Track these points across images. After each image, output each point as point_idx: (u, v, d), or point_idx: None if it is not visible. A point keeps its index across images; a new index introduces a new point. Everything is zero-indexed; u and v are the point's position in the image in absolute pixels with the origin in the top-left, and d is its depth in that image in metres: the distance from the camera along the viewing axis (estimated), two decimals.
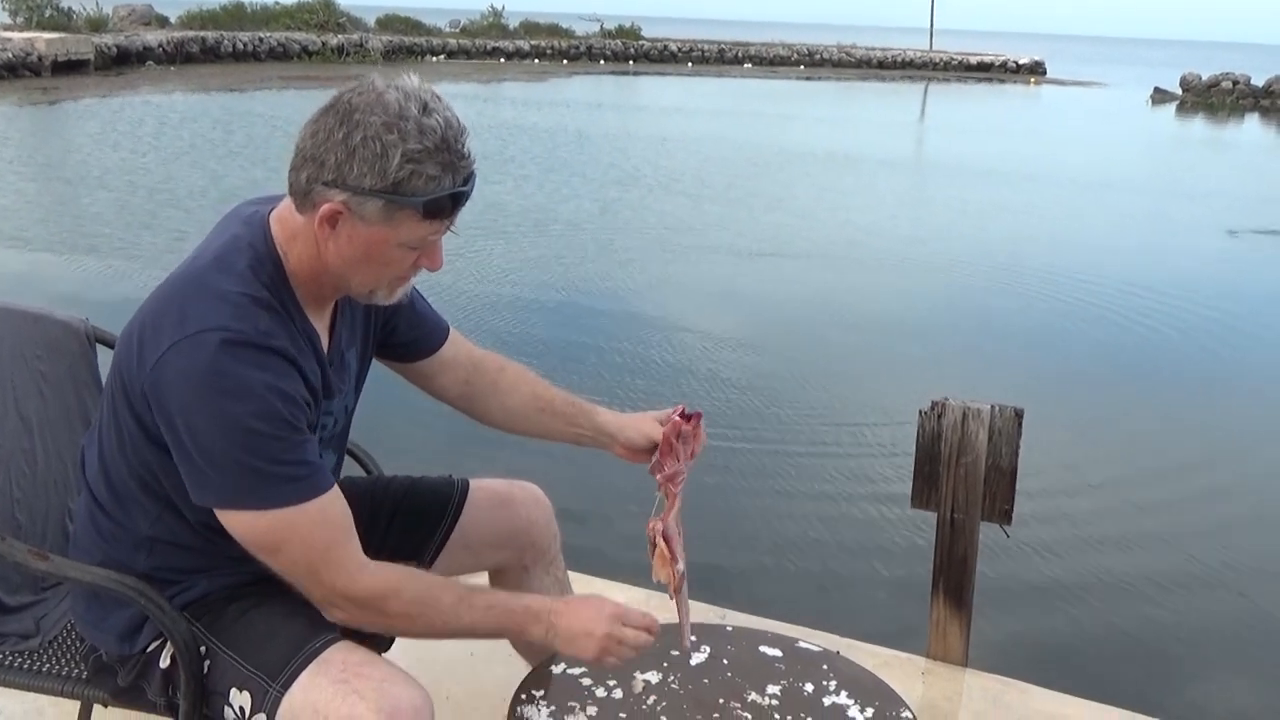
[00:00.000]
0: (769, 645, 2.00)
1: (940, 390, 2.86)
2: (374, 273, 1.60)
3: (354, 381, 1.81)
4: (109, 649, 1.71)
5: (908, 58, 54.50)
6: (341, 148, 1.49)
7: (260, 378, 1.50)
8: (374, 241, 1.54)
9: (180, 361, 1.49)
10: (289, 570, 1.58)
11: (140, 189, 12.95)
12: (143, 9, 38.99)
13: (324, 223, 1.53)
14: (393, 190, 1.49)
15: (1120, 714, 2.74)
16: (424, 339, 1.94)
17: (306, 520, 1.54)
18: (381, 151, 1.47)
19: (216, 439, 1.48)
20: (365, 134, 1.48)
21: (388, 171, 1.48)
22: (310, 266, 1.60)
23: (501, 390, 2.00)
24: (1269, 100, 39.62)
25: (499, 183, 14.34)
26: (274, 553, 1.56)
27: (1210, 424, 6.61)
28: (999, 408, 2.75)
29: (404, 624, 1.65)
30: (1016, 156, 20.66)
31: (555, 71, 41.03)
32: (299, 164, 1.54)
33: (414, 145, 1.48)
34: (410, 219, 1.52)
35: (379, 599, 1.59)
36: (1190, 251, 12.37)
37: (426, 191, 1.50)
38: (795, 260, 11.01)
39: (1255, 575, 4.64)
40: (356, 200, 1.50)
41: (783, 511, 5.00)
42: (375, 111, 1.48)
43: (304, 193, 1.53)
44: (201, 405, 1.48)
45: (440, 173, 1.50)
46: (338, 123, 1.50)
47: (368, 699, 1.51)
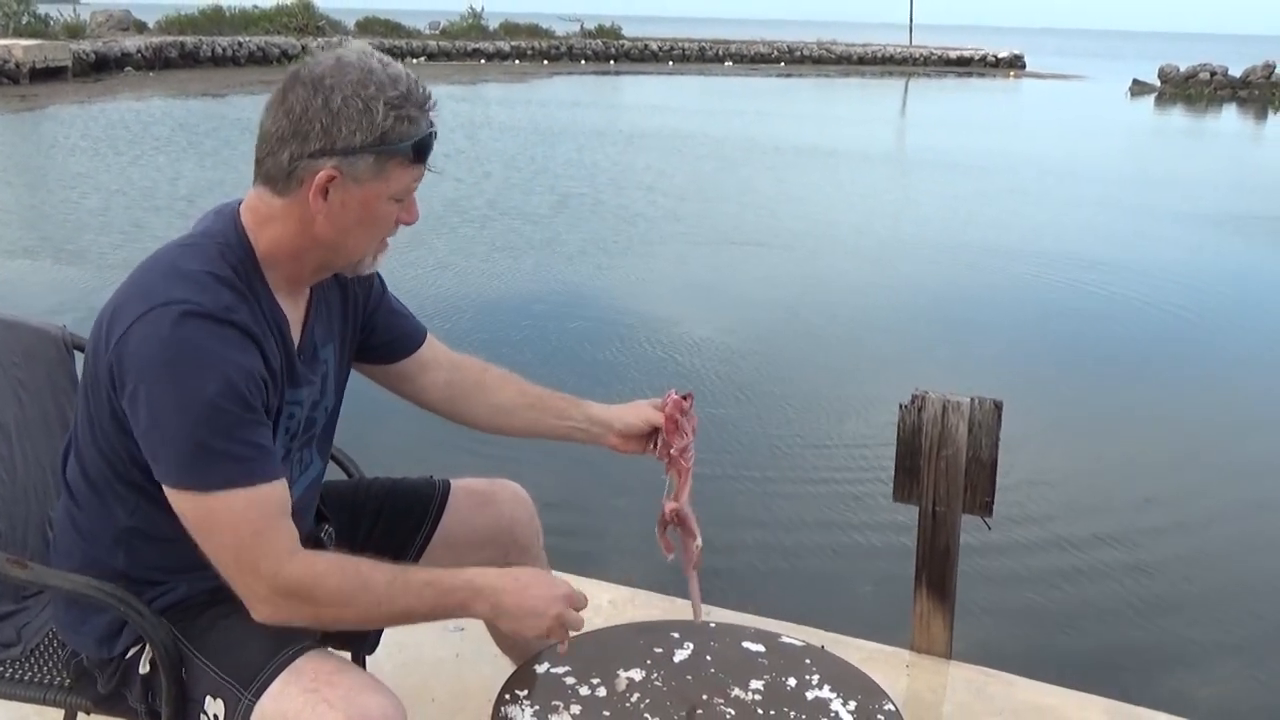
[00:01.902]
0: (751, 641, 2.00)
1: (920, 383, 2.87)
2: (367, 235, 1.63)
3: (333, 382, 1.81)
4: (89, 653, 1.70)
5: (888, 53, 54.60)
6: (324, 114, 1.52)
7: (219, 350, 1.51)
8: (368, 200, 1.58)
9: (143, 333, 1.50)
10: (217, 557, 1.55)
11: (119, 195, 12.91)
12: (120, 15, 38.81)
13: (317, 195, 1.55)
14: (381, 141, 1.53)
15: (1104, 703, 2.76)
16: (403, 339, 1.93)
17: (240, 503, 1.52)
18: (364, 106, 1.52)
19: (172, 411, 1.49)
20: (344, 95, 1.52)
21: (375, 124, 1.53)
22: (290, 247, 1.61)
23: (488, 388, 2.00)
24: (1246, 90, 39.82)
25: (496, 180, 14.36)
26: (205, 536, 1.54)
27: (1192, 413, 6.65)
28: (978, 400, 2.76)
29: (335, 613, 1.59)
30: (997, 149, 20.76)
31: (536, 72, 41.00)
32: (275, 146, 1.56)
33: (392, 93, 1.54)
34: (399, 167, 1.57)
35: (306, 588, 1.55)
36: (1169, 240, 12.43)
37: (410, 135, 1.55)
38: (771, 254, 11.04)
39: (1237, 562, 4.68)
40: (347, 163, 1.54)
41: (765, 508, 5.01)
42: (344, 73, 1.53)
43: (286, 174, 1.56)
44: (160, 376, 1.49)
45: (418, 114, 1.57)
46: (311, 93, 1.53)
47: (337, 708, 1.50)
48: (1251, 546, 4.84)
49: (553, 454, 1.93)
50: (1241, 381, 7.30)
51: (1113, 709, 2.73)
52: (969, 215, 13.59)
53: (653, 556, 4.10)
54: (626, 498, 4.36)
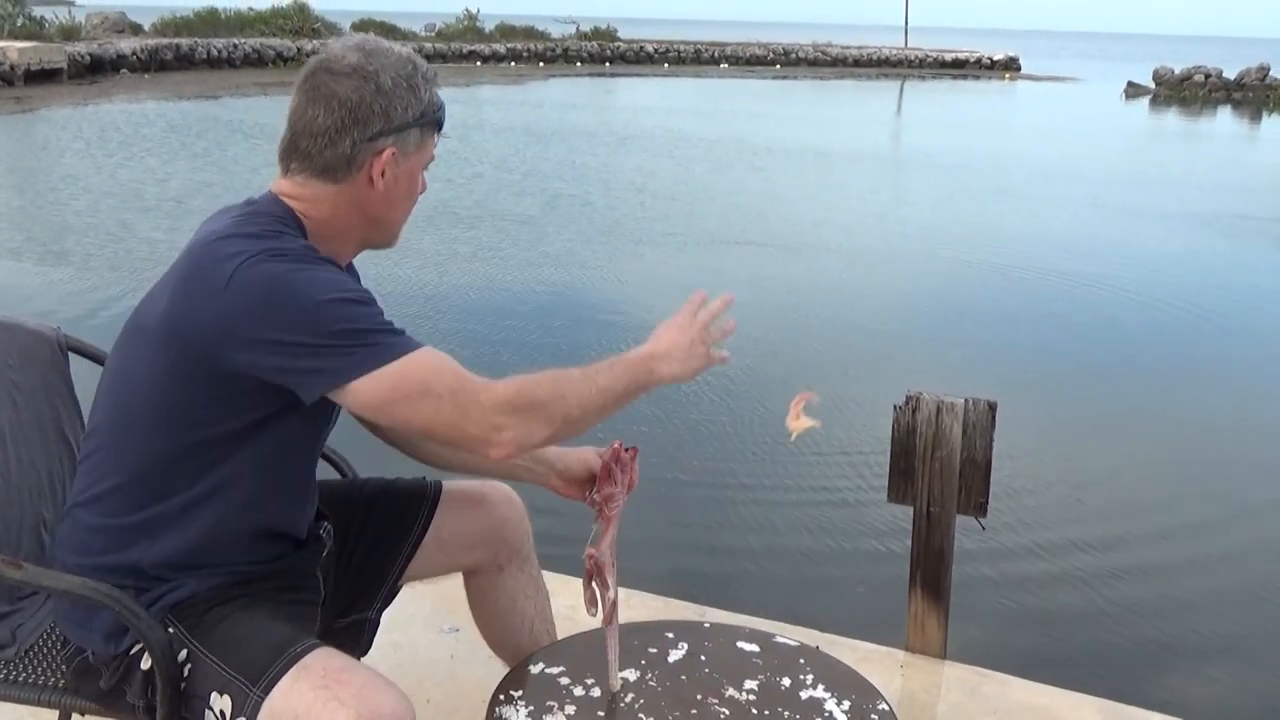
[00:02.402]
0: (746, 641, 2.00)
1: (914, 384, 2.88)
2: (409, 205, 1.75)
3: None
4: (95, 649, 1.70)
5: (883, 55, 54.65)
6: (380, 98, 1.63)
7: (325, 271, 1.59)
8: (413, 171, 1.71)
9: (250, 278, 1.54)
10: (435, 417, 1.56)
11: (108, 197, 12.91)
12: (116, 16, 38.75)
13: (380, 175, 1.66)
14: (424, 114, 1.68)
15: (1097, 702, 2.76)
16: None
17: (431, 358, 1.57)
18: (409, 84, 1.66)
19: (319, 319, 1.52)
20: (391, 75, 1.65)
21: (420, 98, 1.67)
22: (340, 225, 1.70)
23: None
24: (1240, 93, 39.92)
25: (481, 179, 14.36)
26: (419, 396, 1.55)
27: (1186, 414, 6.66)
28: (973, 401, 2.77)
29: (561, 408, 1.61)
30: (990, 151, 20.79)
31: (531, 74, 41.01)
32: (335, 138, 1.63)
33: (421, 68, 1.69)
34: (431, 135, 1.72)
35: (525, 396, 1.59)
36: (1160, 241, 12.46)
37: (440, 104, 1.72)
38: (757, 254, 11.08)
39: (1231, 564, 4.69)
40: (401, 139, 1.66)
41: (759, 509, 5.01)
42: (378, 57, 1.65)
43: (348, 161, 1.64)
44: (288, 304, 1.53)
45: (434, 83, 1.72)
46: (362, 81, 1.63)
47: (348, 705, 1.51)
48: (1245, 547, 4.85)
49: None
50: (1235, 382, 7.31)
51: (1106, 709, 2.74)
52: (959, 216, 13.64)
53: (646, 557, 4.12)
54: None
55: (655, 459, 5.08)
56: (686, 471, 5.15)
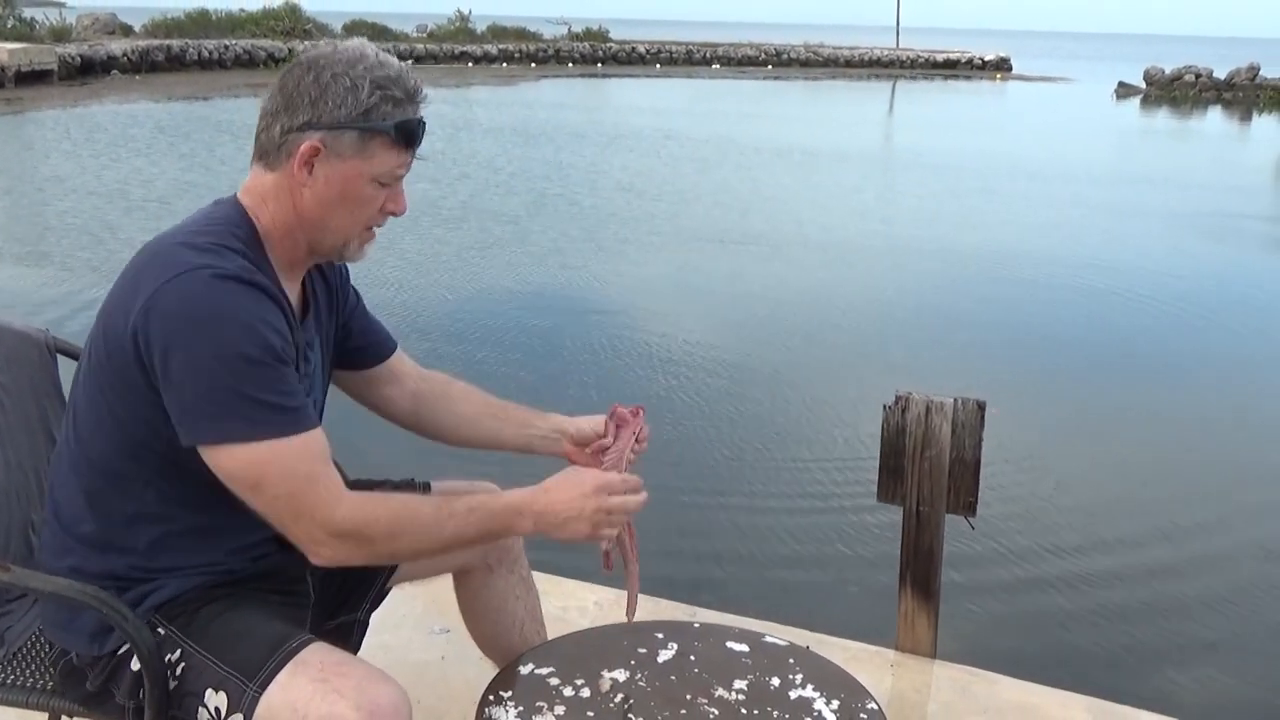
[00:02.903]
0: (735, 641, 2.01)
1: (903, 383, 2.89)
2: (350, 214, 1.67)
3: (319, 377, 1.83)
4: (79, 650, 1.70)
5: (875, 56, 54.71)
6: (313, 88, 1.60)
7: (247, 307, 1.55)
8: (350, 177, 1.63)
9: (170, 296, 1.53)
10: (271, 508, 1.58)
11: (92, 196, 12.88)
12: (106, 18, 38.66)
13: (302, 166, 1.62)
14: (365, 117, 1.61)
15: (1086, 701, 2.78)
16: (375, 346, 1.98)
17: (291, 452, 1.56)
18: (351, 84, 1.60)
19: (209, 366, 1.52)
20: (334, 72, 1.61)
21: (360, 100, 1.60)
22: (284, 225, 1.67)
23: (453, 398, 2.04)
24: (1231, 93, 40.04)
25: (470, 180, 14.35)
26: (257, 488, 1.57)
27: (1175, 413, 6.68)
28: (962, 401, 2.78)
29: (389, 547, 1.65)
30: (981, 151, 20.81)
31: (523, 75, 40.99)
32: (269, 122, 1.63)
33: (380, 74, 1.62)
34: (382, 147, 1.63)
35: (359, 528, 1.59)
36: (1153, 241, 12.49)
37: (394, 116, 1.62)
38: (746, 253, 11.09)
39: (1220, 563, 4.70)
40: (332, 136, 1.61)
41: (749, 510, 5.01)
42: (338, 55, 1.63)
43: (277, 146, 1.63)
44: (194, 334, 1.52)
45: (405, 99, 1.63)
46: (304, 72, 1.62)
47: (348, 697, 1.52)
48: (1234, 547, 4.86)
49: (532, 459, 1.93)
50: (1223, 381, 7.33)
51: (1095, 707, 2.75)
52: (943, 215, 13.67)
53: (644, 558, 4.10)
54: None
55: (644, 459, 5.06)
56: (676, 472, 5.15)
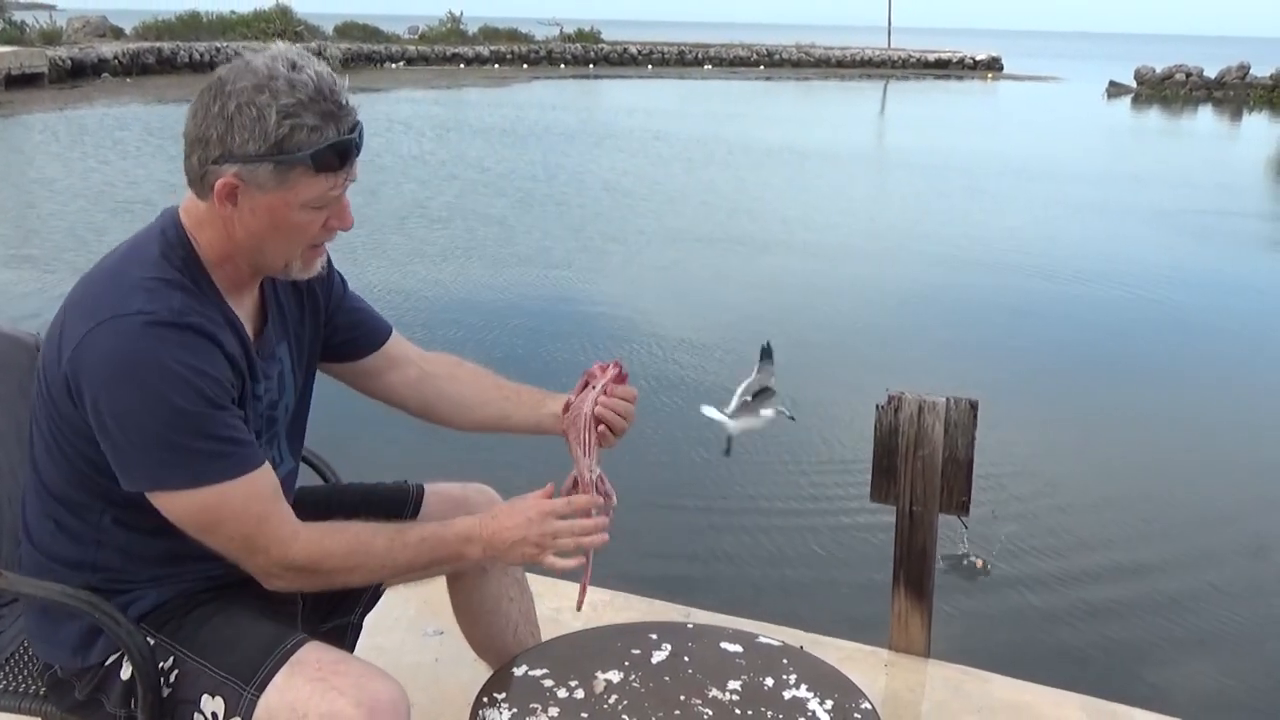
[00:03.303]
0: (729, 641, 2.01)
1: (890, 382, 2.89)
2: (285, 241, 1.61)
3: (290, 380, 1.80)
4: (63, 663, 1.70)
5: (866, 56, 54.75)
6: (219, 121, 1.51)
7: (177, 355, 1.51)
8: (275, 208, 1.56)
9: (97, 346, 1.51)
10: (224, 547, 1.60)
11: (79, 198, 12.88)
12: (97, 21, 38.58)
13: (223, 200, 1.55)
14: (277, 150, 1.51)
15: (1079, 699, 2.78)
16: (366, 335, 1.95)
17: (238, 495, 1.55)
18: (257, 115, 1.50)
19: (139, 419, 1.50)
20: (239, 101, 1.50)
21: (268, 132, 1.50)
22: (221, 250, 1.62)
23: (460, 381, 2.00)
24: (1221, 91, 40.12)
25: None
26: (209, 531, 1.58)
27: (1165, 412, 6.68)
28: (954, 400, 2.78)
29: (344, 578, 1.69)
30: (971, 150, 20.85)
31: (515, 76, 40.96)
32: (188, 150, 1.56)
33: (287, 100, 1.50)
34: (303, 176, 1.54)
35: (313, 562, 1.62)
36: (1141, 239, 12.52)
37: (311, 144, 1.52)
38: (731, 251, 11.16)
39: (1211, 560, 4.71)
40: (248, 170, 1.52)
41: (742, 510, 5.01)
42: (244, 78, 1.51)
43: (199, 177, 1.56)
44: (121, 387, 1.49)
45: (321, 123, 1.52)
46: (212, 98, 1.53)
47: (347, 695, 1.52)
48: (1225, 544, 4.87)
49: (524, 460, 1.92)
50: (1215, 379, 7.35)
51: (1088, 705, 2.76)
52: (929, 214, 13.74)
53: (630, 558, 4.11)
54: None
55: (638, 460, 5.10)
56: (670, 472, 5.16)
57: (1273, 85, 38.36)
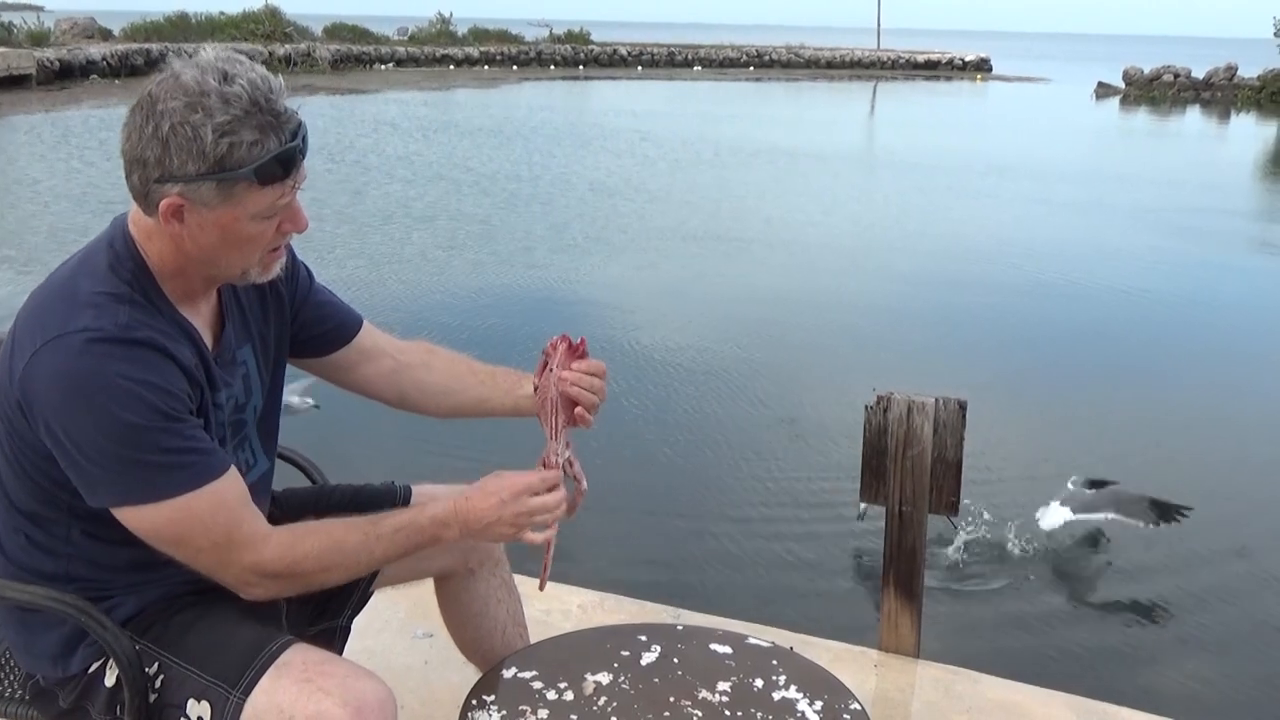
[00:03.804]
0: (719, 643, 2.01)
1: (882, 383, 2.89)
2: (239, 252, 1.58)
3: (256, 381, 1.79)
4: (44, 673, 1.69)
5: (855, 57, 54.85)
6: (155, 142, 1.47)
7: (125, 370, 1.49)
8: (224, 223, 1.53)
9: (45, 366, 1.49)
10: (195, 559, 1.58)
11: (62, 199, 12.83)
12: (85, 22, 38.46)
13: (169, 219, 1.52)
14: (218, 168, 1.47)
15: (1067, 698, 2.79)
16: (336, 329, 1.93)
17: (204, 505, 1.54)
18: (193, 134, 1.46)
19: (94, 438, 1.48)
20: (172, 122, 1.46)
21: (205, 152, 1.46)
22: (172, 262, 1.59)
23: (435, 369, 1.99)
24: (1209, 92, 40.28)
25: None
26: (178, 544, 1.56)
27: (1151, 411, 6.69)
28: (943, 400, 2.78)
29: (322, 578, 1.66)
30: (965, 151, 20.88)
31: (505, 78, 40.94)
32: (127, 169, 1.53)
33: (222, 118, 1.46)
34: (249, 191, 1.50)
35: (287, 566, 1.60)
36: (1127, 238, 12.57)
37: (253, 159, 1.48)
38: (722, 253, 11.17)
39: (1198, 559, 4.72)
40: (191, 189, 1.49)
41: (732, 511, 5.01)
42: (175, 96, 1.47)
43: (143, 195, 1.53)
44: (72, 407, 1.48)
45: (260, 136, 1.48)
46: (144, 119, 1.49)
47: (334, 695, 1.52)
48: (1214, 543, 4.88)
49: (509, 457, 1.90)
50: (1200, 378, 7.36)
51: (1077, 704, 2.76)
52: (912, 213, 13.80)
53: (620, 560, 4.11)
54: (593, 503, 4.35)
55: (628, 462, 5.10)
56: (660, 474, 5.16)
57: (1260, 86, 38.52)
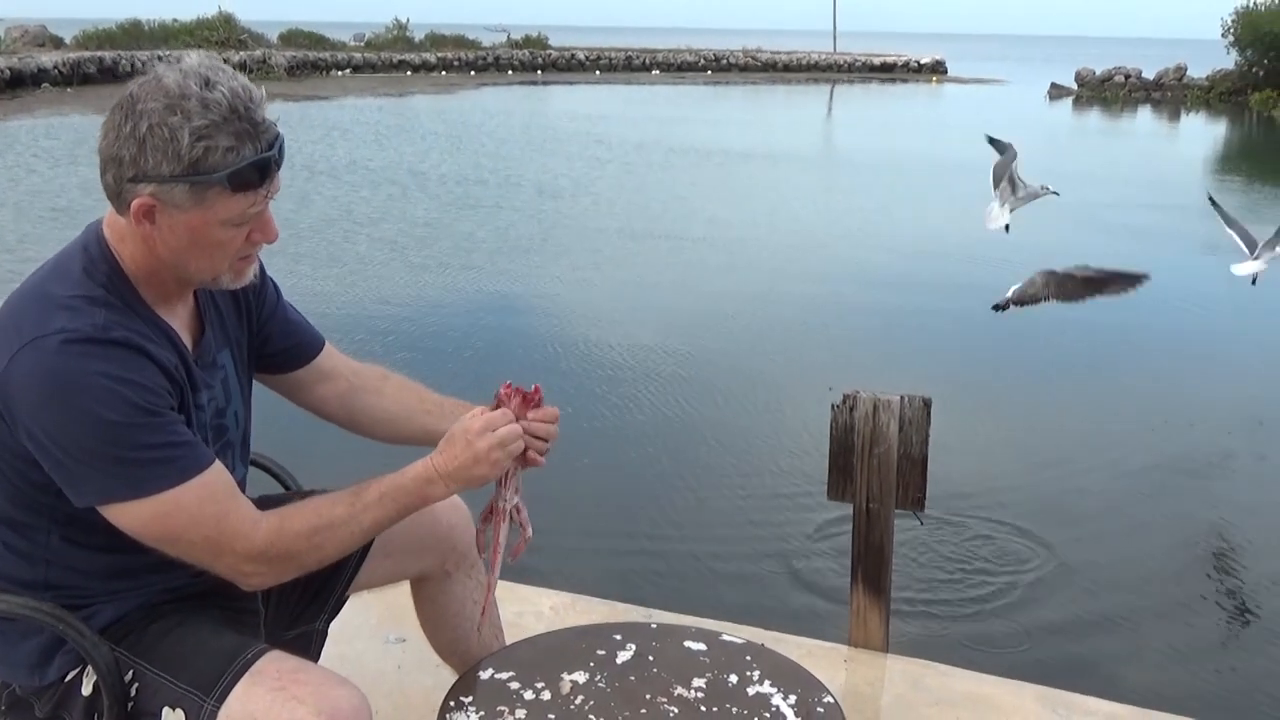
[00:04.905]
0: (693, 640, 2.03)
1: (845, 381, 2.92)
2: (209, 257, 1.59)
3: (235, 386, 1.80)
4: (20, 682, 1.68)
5: (812, 60, 55.13)
6: (131, 142, 1.49)
7: (104, 369, 1.50)
8: (195, 226, 1.54)
9: (23, 368, 1.49)
10: (188, 553, 1.58)
11: (13, 210, 12.72)
12: (36, 30, 38.00)
13: (140, 219, 1.53)
14: (192, 170, 1.49)
15: (1036, 689, 2.83)
16: (299, 347, 1.94)
17: (191, 498, 1.54)
18: (170, 136, 1.48)
19: (76, 437, 1.49)
20: (150, 122, 1.48)
21: (181, 154, 1.48)
22: (145, 264, 1.61)
23: (385, 396, 2.00)
24: (1160, 93, 40.85)
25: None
26: (169, 540, 1.56)
27: (1109, 407, 6.77)
28: (908, 398, 2.82)
29: (316, 556, 1.65)
30: (920, 151, 21.03)
31: (463, 83, 40.80)
32: (103, 168, 1.54)
33: (200, 121, 1.48)
34: (221, 196, 1.52)
35: (280, 549, 1.60)
36: (1090, 236, 12.71)
37: (227, 164, 1.50)
38: (655, 249, 11.29)
39: (1158, 552, 4.80)
40: (164, 190, 1.51)
41: (700, 510, 5.03)
42: (156, 98, 1.49)
43: (116, 194, 1.54)
44: (52, 408, 1.48)
45: (236, 143, 1.50)
46: (123, 118, 1.51)
47: (307, 703, 1.52)
48: (1174, 536, 4.96)
49: None
50: (1148, 377, 7.45)
51: (1044, 695, 2.80)
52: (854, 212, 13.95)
53: (591, 561, 4.12)
54: (561, 507, 4.38)
55: (596, 464, 5.11)
56: (628, 476, 5.18)
57: (1209, 87, 39.14)
